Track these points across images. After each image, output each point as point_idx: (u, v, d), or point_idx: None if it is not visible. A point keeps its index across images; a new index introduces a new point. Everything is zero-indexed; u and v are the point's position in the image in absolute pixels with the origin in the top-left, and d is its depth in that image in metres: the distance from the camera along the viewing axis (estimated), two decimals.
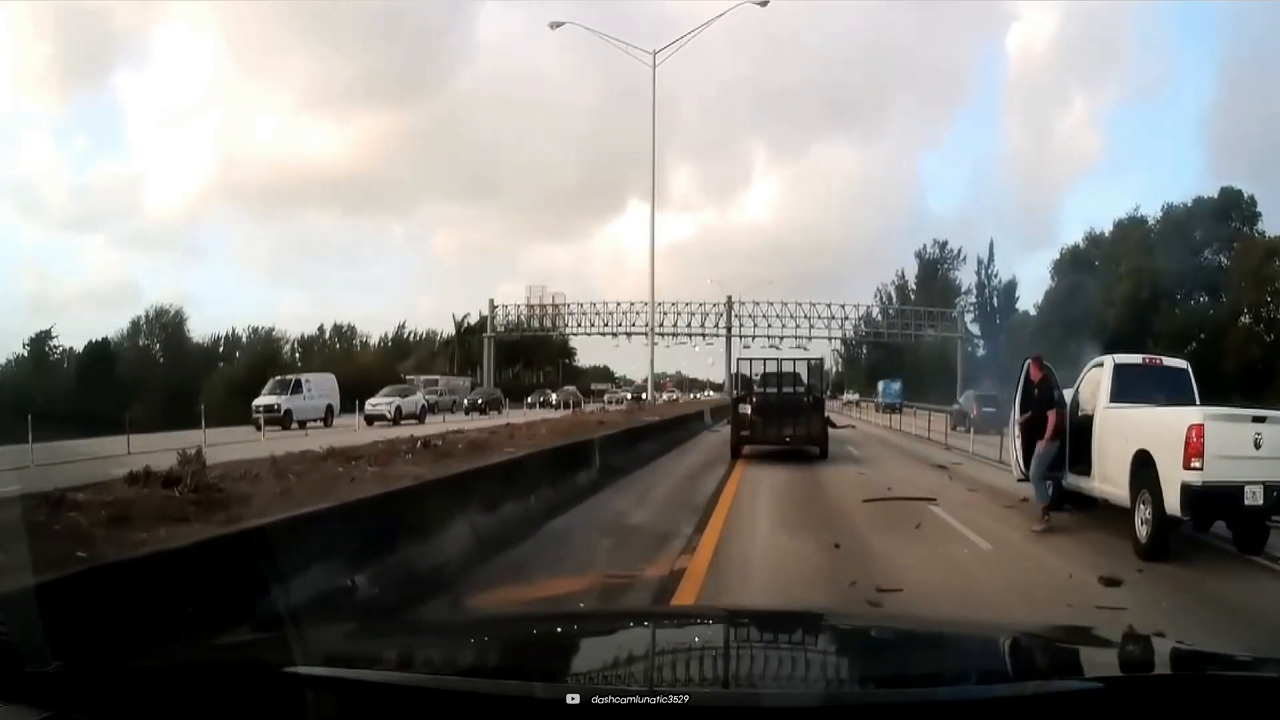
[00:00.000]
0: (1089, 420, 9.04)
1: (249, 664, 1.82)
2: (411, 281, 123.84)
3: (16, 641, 1.88)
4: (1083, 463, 9.07)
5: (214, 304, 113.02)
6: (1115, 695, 1.51)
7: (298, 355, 71.80)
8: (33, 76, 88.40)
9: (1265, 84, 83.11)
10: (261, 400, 28.30)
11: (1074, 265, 56.28)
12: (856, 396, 63.39)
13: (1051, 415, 9.20)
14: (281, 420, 27.24)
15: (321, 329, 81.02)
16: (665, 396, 61.61)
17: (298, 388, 29.21)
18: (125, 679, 1.66)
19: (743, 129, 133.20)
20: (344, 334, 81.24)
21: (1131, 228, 54.35)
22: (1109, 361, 9.23)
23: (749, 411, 16.69)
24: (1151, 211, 55.23)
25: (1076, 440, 9.23)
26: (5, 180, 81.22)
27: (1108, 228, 57.82)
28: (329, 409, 29.83)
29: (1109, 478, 8.47)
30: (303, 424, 27.13)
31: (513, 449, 10.06)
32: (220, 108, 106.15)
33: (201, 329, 71.13)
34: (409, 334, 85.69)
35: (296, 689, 1.51)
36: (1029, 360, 9.79)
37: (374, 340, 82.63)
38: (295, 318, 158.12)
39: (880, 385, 58.10)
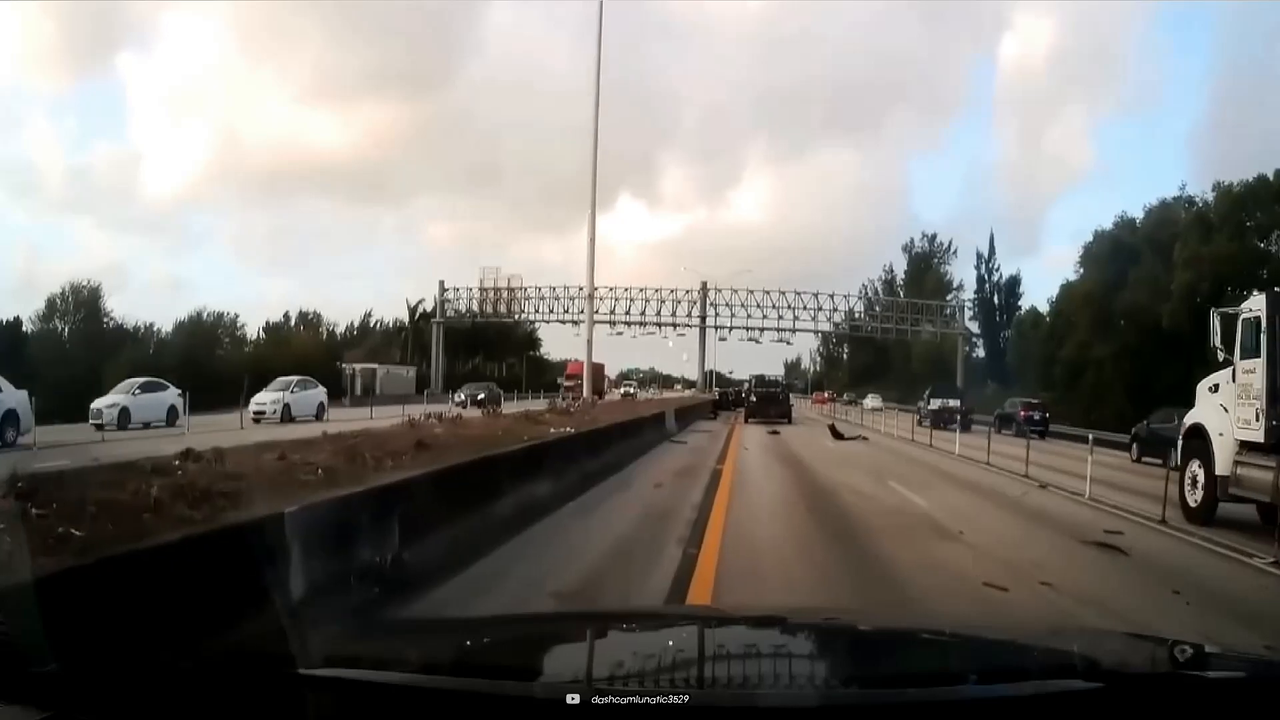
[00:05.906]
0: None
1: (249, 664, 1.94)
2: (396, 271, 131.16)
3: (16, 641, 2.00)
4: None
5: (204, 290, 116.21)
6: (1115, 695, 1.65)
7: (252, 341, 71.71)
8: (34, 57, 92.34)
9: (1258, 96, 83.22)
10: None
11: (1112, 253, 51.98)
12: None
13: None
14: None
15: (287, 315, 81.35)
16: (620, 392, 59.97)
17: None
18: (126, 679, 1.78)
19: (734, 132, 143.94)
20: (310, 321, 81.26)
21: (1177, 208, 50.67)
22: None
23: (754, 400, 39.50)
24: (1199, 191, 50.98)
25: None
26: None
27: (1137, 215, 54.78)
28: None
29: None
30: None
31: None
32: (215, 94, 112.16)
33: (179, 313, 71.37)
34: (375, 322, 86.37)
35: (297, 689, 1.64)
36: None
37: (341, 328, 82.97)
38: (283, 305, 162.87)
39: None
